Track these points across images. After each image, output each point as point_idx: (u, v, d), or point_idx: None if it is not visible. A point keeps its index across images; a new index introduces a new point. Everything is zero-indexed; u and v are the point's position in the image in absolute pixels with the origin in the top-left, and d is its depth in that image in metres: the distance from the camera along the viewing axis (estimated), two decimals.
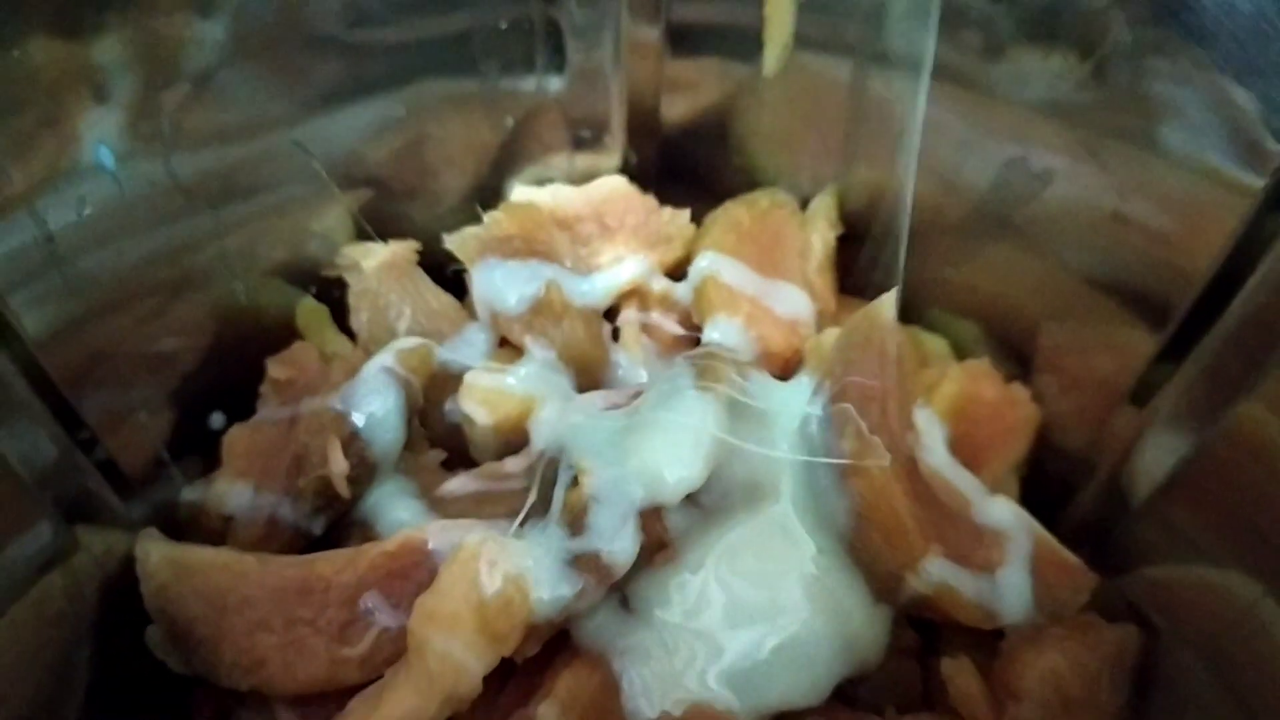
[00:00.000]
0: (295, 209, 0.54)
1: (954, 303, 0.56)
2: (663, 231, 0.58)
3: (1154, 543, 0.47)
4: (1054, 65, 0.46)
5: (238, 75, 0.48)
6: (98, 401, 0.46)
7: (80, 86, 0.43)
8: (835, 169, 0.58)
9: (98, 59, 0.43)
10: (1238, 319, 0.42)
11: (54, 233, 0.43)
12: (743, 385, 0.46)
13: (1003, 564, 0.46)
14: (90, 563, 0.45)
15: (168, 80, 0.46)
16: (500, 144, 0.59)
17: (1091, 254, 0.48)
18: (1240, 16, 0.39)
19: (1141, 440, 0.47)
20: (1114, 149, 0.46)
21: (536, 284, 0.54)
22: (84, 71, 0.43)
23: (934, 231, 0.54)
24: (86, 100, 0.43)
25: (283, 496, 0.49)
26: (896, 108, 0.53)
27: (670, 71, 0.58)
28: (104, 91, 0.44)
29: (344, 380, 0.51)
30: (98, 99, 0.43)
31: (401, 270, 0.56)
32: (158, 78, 0.45)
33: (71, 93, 0.43)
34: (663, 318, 0.57)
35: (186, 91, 0.46)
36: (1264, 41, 0.39)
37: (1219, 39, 0.40)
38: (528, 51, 0.56)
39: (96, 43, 0.42)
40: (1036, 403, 0.53)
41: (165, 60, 0.45)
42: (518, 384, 0.52)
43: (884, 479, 0.44)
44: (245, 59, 0.48)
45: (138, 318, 0.48)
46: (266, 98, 0.50)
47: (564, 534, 0.43)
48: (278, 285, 0.55)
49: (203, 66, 0.47)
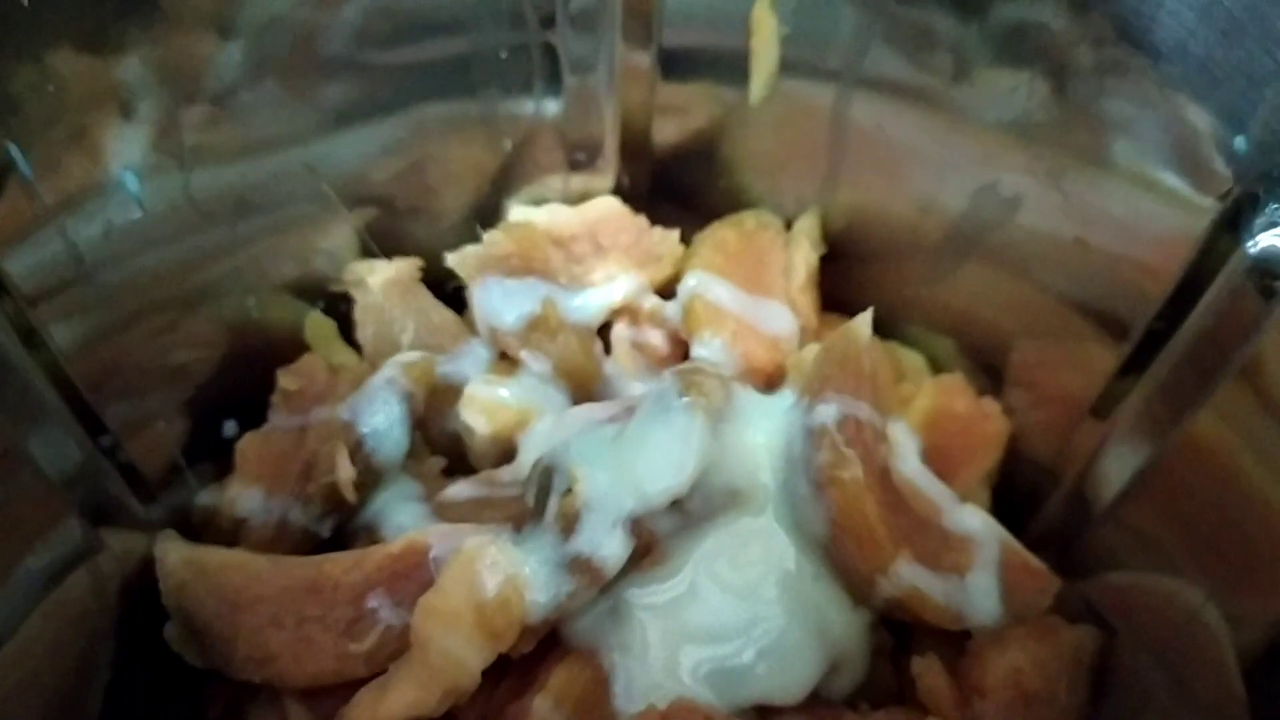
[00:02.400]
0: (304, 227, 0.55)
1: (930, 320, 0.58)
2: (653, 251, 0.59)
3: (1114, 549, 0.49)
4: (1021, 87, 0.47)
5: (254, 96, 0.49)
6: (119, 409, 0.48)
7: (108, 102, 0.44)
8: (818, 191, 0.59)
9: (123, 76, 0.44)
10: (1192, 335, 0.44)
11: (80, 248, 0.45)
12: (727, 398, 0.48)
13: (971, 568, 0.48)
14: (112, 562, 0.47)
15: (190, 99, 0.47)
16: (499, 165, 0.60)
17: (1058, 275, 0.50)
18: (1201, 39, 0.41)
19: (1103, 451, 0.49)
20: (1077, 173, 0.47)
21: (533, 301, 0.56)
22: (111, 88, 0.44)
23: (911, 252, 0.56)
24: (114, 116, 0.44)
25: (293, 501, 0.50)
26: (877, 132, 0.54)
27: (661, 97, 0.59)
28: (130, 108, 0.45)
29: (350, 391, 0.53)
30: (124, 115, 0.45)
31: (405, 286, 0.58)
32: (180, 96, 0.46)
33: (99, 108, 0.44)
34: (653, 333, 0.58)
35: (207, 111, 0.48)
36: (1223, 65, 0.40)
37: (1179, 62, 0.42)
38: (526, 77, 0.57)
39: (121, 60, 0.44)
40: (1007, 416, 0.54)
41: (188, 79, 0.47)
42: (515, 396, 0.54)
43: (857, 488, 0.45)
44: (261, 80, 0.49)
45: (155, 330, 0.50)
46: (279, 119, 0.51)
47: (558, 538, 0.44)
48: (287, 300, 0.57)
49: (222, 86, 0.48)
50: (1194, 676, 0.43)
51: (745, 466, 0.49)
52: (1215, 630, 0.42)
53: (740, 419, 0.49)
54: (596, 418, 0.50)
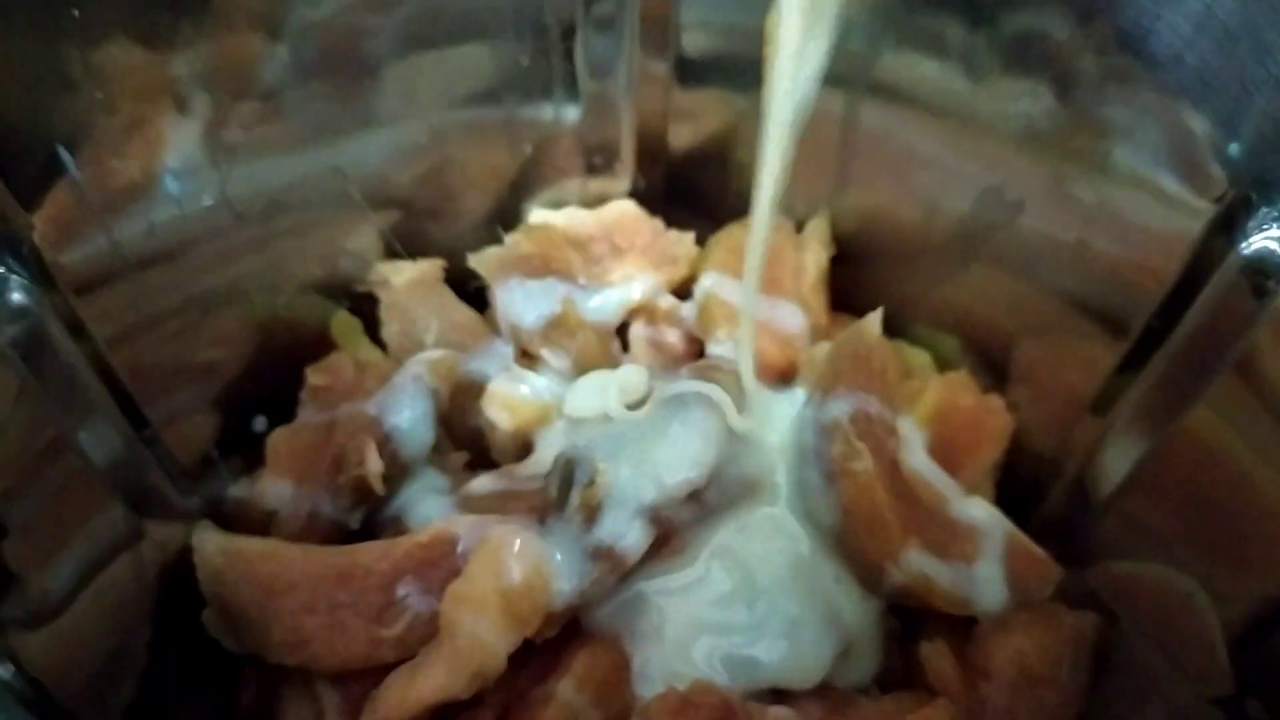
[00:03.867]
0: (331, 228, 0.56)
1: (936, 319, 0.59)
2: (669, 252, 0.60)
3: (1113, 538, 0.50)
4: (1026, 94, 0.48)
5: (294, 97, 0.50)
6: (157, 402, 0.49)
7: (158, 101, 0.45)
8: (828, 194, 0.60)
9: (176, 69, 0.45)
10: (1188, 333, 0.45)
11: (123, 245, 0.46)
12: (742, 394, 0.50)
13: (977, 557, 0.49)
14: (153, 550, 0.48)
15: (237, 97, 0.48)
16: (519, 169, 0.61)
17: (1059, 275, 0.51)
18: (1197, 49, 0.41)
19: (1103, 444, 0.50)
20: (1078, 176, 0.48)
21: (553, 300, 0.57)
22: (164, 81, 0.45)
23: (918, 253, 0.57)
24: (163, 116, 0.45)
25: (322, 493, 0.51)
26: (886, 138, 0.55)
27: (677, 102, 0.60)
28: (182, 106, 0.46)
29: (377, 388, 0.54)
30: (176, 113, 0.46)
31: (428, 286, 0.59)
32: (229, 94, 0.47)
33: (148, 108, 0.45)
34: (669, 332, 0.59)
35: (254, 109, 0.49)
36: (1218, 74, 0.41)
37: (1177, 70, 0.42)
38: (545, 84, 0.57)
39: (175, 53, 0.45)
40: (1010, 411, 0.55)
41: (236, 77, 0.48)
42: (536, 392, 0.56)
43: (868, 479, 0.47)
44: (301, 82, 0.50)
45: (190, 326, 0.51)
46: (312, 121, 0.52)
47: (580, 529, 0.46)
48: (314, 299, 0.58)
49: (267, 86, 0.49)
50: (1186, 655, 0.45)
51: (760, 459, 0.50)
52: (1205, 610, 0.44)
53: (755, 414, 0.50)
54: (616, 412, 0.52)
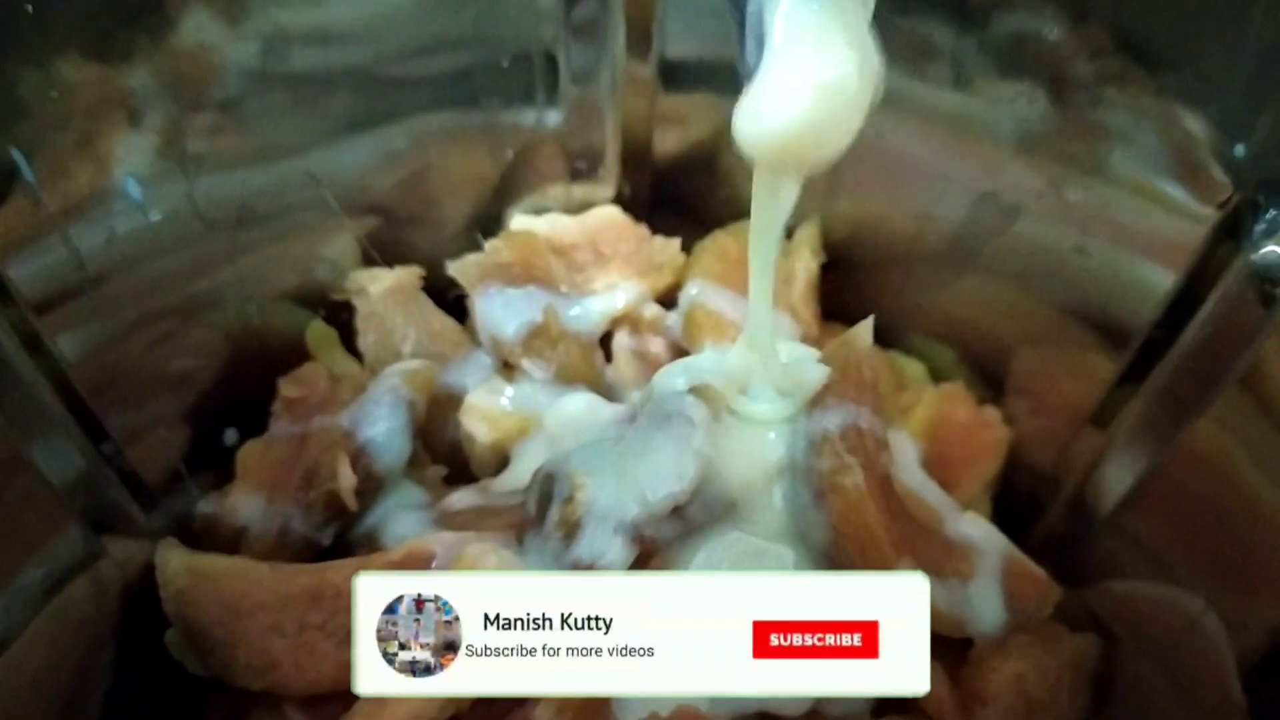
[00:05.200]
0: (306, 235, 0.55)
1: (930, 329, 0.58)
2: (654, 259, 0.60)
3: (1115, 556, 0.49)
4: (1020, 98, 0.48)
5: (259, 105, 0.49)
6: (121, 416, 0.48)
7: (113, 109, 0.44)
8: (818, 201, 0.59)
9: (130, 82, 0.44)
10: (1192, 343, 0.44)
11: (84, 255, 0.45)
12: (729, 406, 0.49)
13: (973, 576, 0.48)
14: (114, 569, 0.47)
15: (196, 106, 0.47)
16: (500, 175, 0.60)
17: (1058, 284, 0.50)
18: (1198, 48, 0.41)
19: (1103, 459, 0.49)
20: (1075, 182, 0.48)
21: (534, 309, 0.56)
22: (117, 94, 0.44)
23: (912, 261, 0.57)
24: (120, 123, 0.45)
25: (294, 509, 0.50)
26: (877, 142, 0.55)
27: (662, 107, 0.59)
28: (136, 115, 0.45)
29: (352, 399, 0.53)
30: (130, 122, 0.45)
31: (406, 295, 0.58)
32: (186, 103, 0.47)
33: (105, 115, 0.44)
34: (654, 342, 0.58)
35: (213, 118, 0.48)
36: (1221, 73, 0.41)
37: (1177, 71, 0.42)
38: (528, 88, 0.57)
39: (129, 66, 0.44)
40: (1008, 424, 0.55)
41: (194, 86, 0.47)
42: (516, 404, 0.55)
43: (859, 495, 0.46)
44: (266, 89, 0.49)
45: (157, 337, 0.50)
46: (283, 127, 0.51)
47: (559, 546, 0.45)
48: (288, 308, 0.57)
49: (228, 94, 0.48)
50: (1195, 683, 0.44)
51: (746, 474, 0.49)
52: (1215, 637, 0.42)
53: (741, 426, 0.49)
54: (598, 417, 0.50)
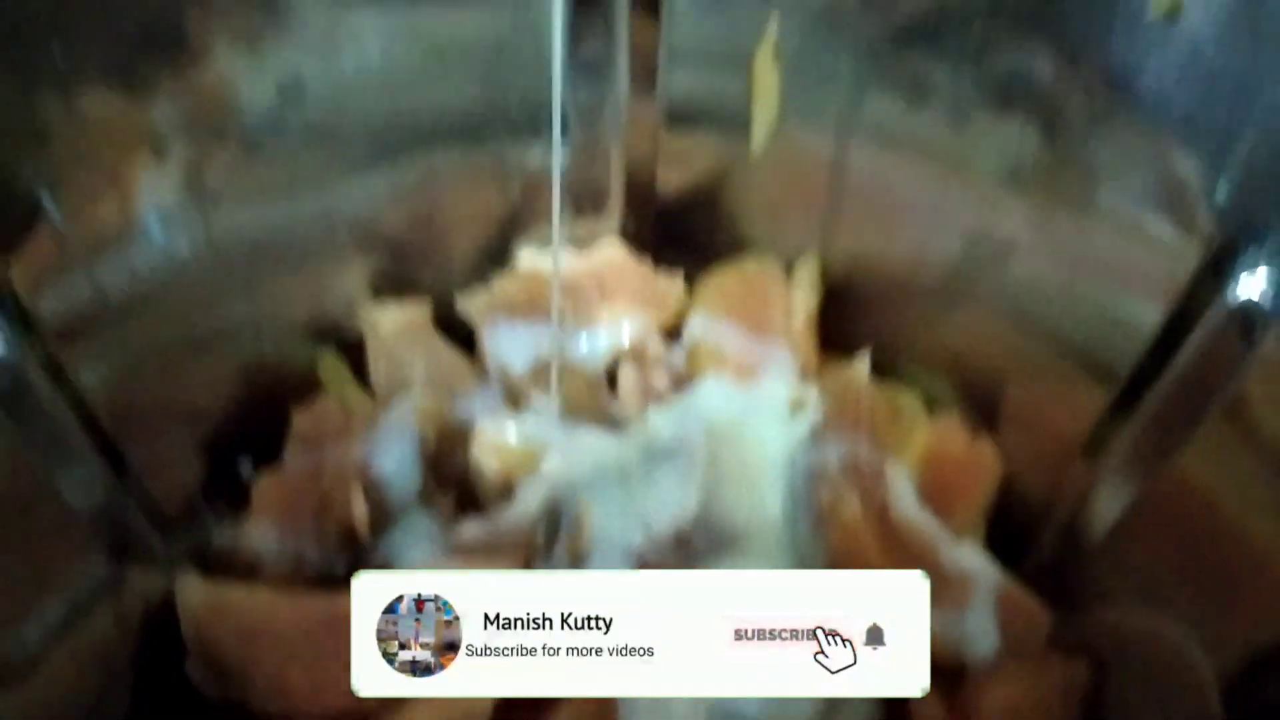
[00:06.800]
0: (318, 270, 0.56)
1: (925, 361, 0.58)
2: (658, 294, 0.60)
3: (1105, 584, 0.50)
4: (1013, 136, 0.48)
5: (277, 142, 0.50)
6: (141, 447, 0.49)
7: (138, 144, 0.45)
8: (817, 236, 0.60)
9: (154, 116, 0.45)
10: (1178, 376, 0.45)
11: (106, 289, 0.46)
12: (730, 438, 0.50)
13: (967, 605, 0.49)
14: (134, 598, 0.48)
15: (217, 142, 0.48)
16: (508, 211, 0.60)
17: (1049, 317, 0.51)
18: (1183, 94, 0.42)
19: (1094, 489, 0.50)
20: (1066, 219, 0.48)
21: (541, 342, 0.57)
22: (142, 128, 0.45)
23: (907, 295, 0.57)
24: (144, 158, 0.45)
25: (308, 539, 0.51)
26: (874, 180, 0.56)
27: (666, 145, 0.60)
28: (160, 150, 0.46)
29: (364, 431, 0.54)
30: (155, 157, 0.46)
31: (417, 329, 0.59)
32: (209, 138, 0.47)
33: (130, 150, 0.45)
34: (658, 375, 0.59)
35: (232, 154, 0.49)
36: (1206, 116, 0.41)
37: (1164, 111, 0.42)
38: (534, 126, 0.57)
39: (153, 100, 0.45)
40: (1001, 454, 0.55)
41: (216, 121, 0.48)
42: (524, 436, 0.55)
43: (856, 525, 0.47)
44: (284, 128, 0.50)
45: (175, 370, 0.51)
46: (298, 165, 0.52)
47: None
48: (301, 342, 0.58)
49: (247, 131, 0.49)
50: (1178, 706, 0.45)
51: (747, 504, 0.50)
52: (1197, 660, 0.43)
53: (742, 457, 0.50)
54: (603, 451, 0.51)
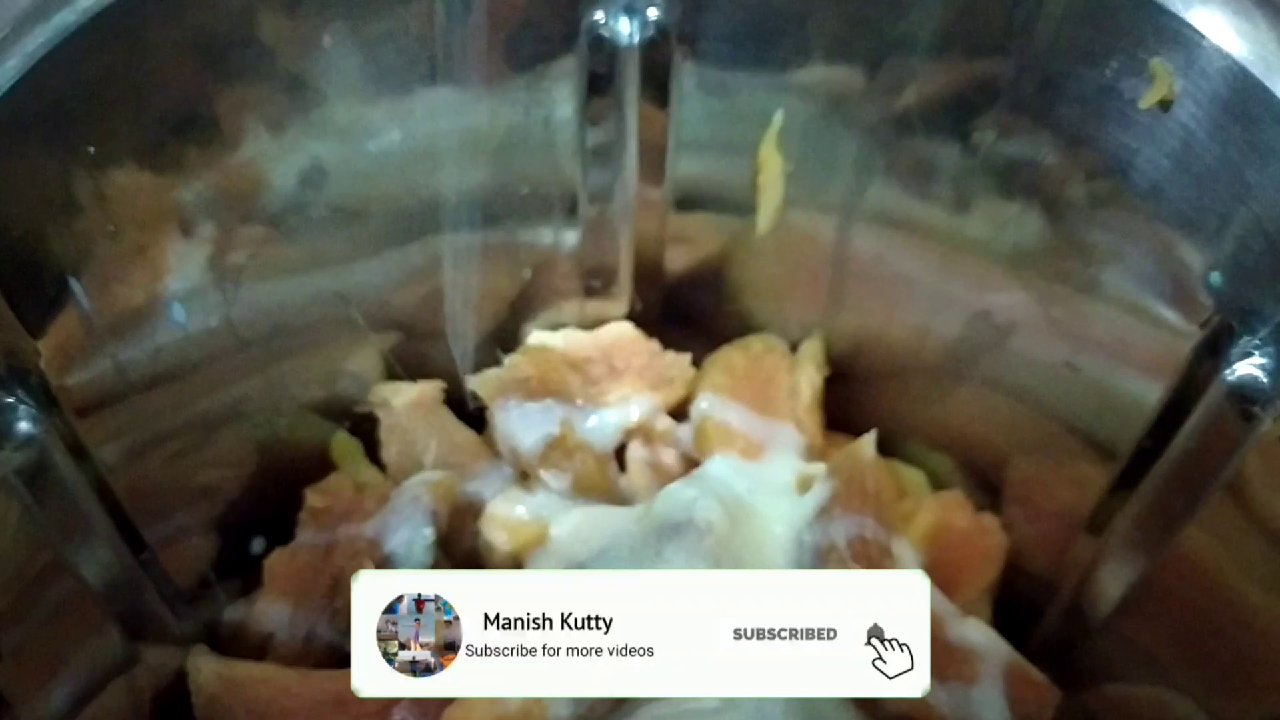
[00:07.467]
0: (331, 350, 0.57)
1: (929, 438, 0.59)
2: (666, 373, 0.61)
3: (1111, 660, 0.50)
4: (1014, 219, 0.49)
5: (296, 222, 0.51)
6: (156, 523, 0.49)
7: (165, 223, 0.46)
8: (821, 316, 0.61)
9: (183, 194, 0.46)
10: (1179, 454, 0.45)
11: (128, 368, 0.46)
12: (738, 516, 0.50)
13: (976, 680, 0.49)
14: (148, 674, 0.48)
15: (245, 221, 0.49)
16: (518, 292, 0.61)
17: (1050, 396, 0.52)
18: (1178, 180, 0.42)
19: (1098, 564, 0.50)
20: (1066, 301, 0.49)
21: (551, 422, 0.57)
22: (172, 205, 0.46)
23: (910, 374, 0.58)
24: (171, 238, 0.46)
25: (320, 616, 0.51)
26: (877, 262, 0.57)
27: (673, 227, 0.60)
28: (188, 228, 0.47)
29: (376, 509, 0.54)
30: (182, 236, 0.46)
31: (428, 408, 0.59)
32: (235, 218, 0.48)
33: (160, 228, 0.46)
34: (666, 453, 0.60)
35: (260, 233, 0.50)
36: (1198, 205, 0.42)
37: (1160, 198, 0.43)
38: (545, 209, 0.58)
39: (182, 178, 0.45)
40: (1005, 531, 0.55)
41: (242, 201, 0.48)
42: (534, 514, 0.56)
43: None
44: (304, 209, 0.51)
45: (189, 447, 0.51)
46: (315, 246, 0.52)
47: None
48: (314, 420, 0.58)
49: (269, 211, 0.50)
50: None
51: None
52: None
53: (749, 536, 0.50)
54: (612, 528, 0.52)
